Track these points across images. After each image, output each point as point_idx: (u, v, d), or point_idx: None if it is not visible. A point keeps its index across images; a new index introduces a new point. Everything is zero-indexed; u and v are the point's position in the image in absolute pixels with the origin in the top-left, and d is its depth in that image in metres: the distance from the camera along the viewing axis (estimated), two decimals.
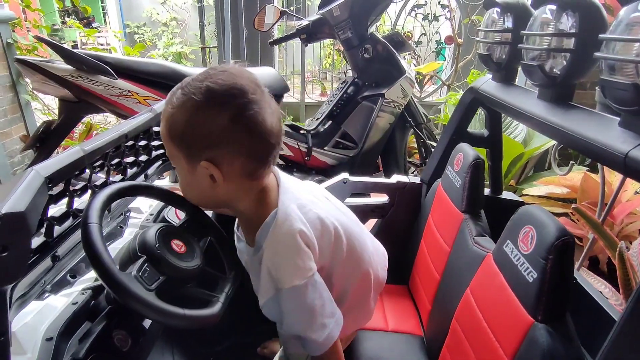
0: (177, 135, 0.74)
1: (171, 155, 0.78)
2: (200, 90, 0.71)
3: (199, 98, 0.71)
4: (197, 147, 0.73)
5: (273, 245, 0.80)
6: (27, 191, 0.57)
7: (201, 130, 0.72)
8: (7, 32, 2.72)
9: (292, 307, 0.81)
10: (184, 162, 0.76)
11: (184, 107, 0.72)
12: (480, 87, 1.23)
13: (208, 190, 0.78)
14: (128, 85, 1.92)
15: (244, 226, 0.90)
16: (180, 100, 0.72)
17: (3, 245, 0.50)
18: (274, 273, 0.79)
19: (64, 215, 0.83)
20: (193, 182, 0.78)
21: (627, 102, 0.66)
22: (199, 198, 0.84)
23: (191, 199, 0.85)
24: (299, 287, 0.79)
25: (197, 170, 0.75)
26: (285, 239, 0.79)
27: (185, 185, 0.81)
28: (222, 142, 0.72)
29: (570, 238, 0.74)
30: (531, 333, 0.76)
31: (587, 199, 1.96)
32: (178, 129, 0.73)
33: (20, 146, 2.85)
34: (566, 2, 0.81)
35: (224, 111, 0.71)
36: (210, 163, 0.73)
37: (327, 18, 2.25)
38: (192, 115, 0.71)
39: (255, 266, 0.85)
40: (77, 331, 0.78)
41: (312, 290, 0.81)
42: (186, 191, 0.83)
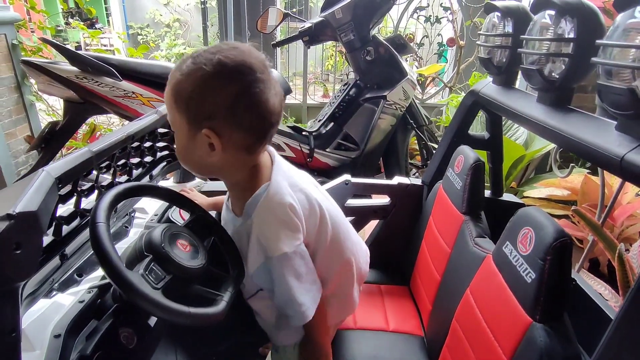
0: (182, 101, 0.76)
1: (173, 119, 0.80)
2: (212, 62, 0.74)
3: (209, 69, 0.74)
4: (201, 115, 0.76)
5: (263, 215, 0.84)
6: (38, 191, 0.59)
7: (207, 100, 0.75)
8: (12, 33, 2.75)
9: (282, 272, 0.85)
10: (185, 127, 0.79)
11: (193, 76, 0.75)
12: (481, 90, 1.24)
13: (204, 157, 0.81)
14: (132, 87, 1.94)
15: (234, 196, 0.93)
16: (190, 68, 0.75)
17: (17, 243, 0.52)
18: (263, 242, 0.84)
19: (71, 215, 0.85)
20: (191, 148, 0.81)
21: (623, 106, 0.67)
22: (193, 163, 0.86)
23: (186, 164, 0.87)
24: (288, 254, 0.84)
25: (197, 137, 0.78)
26: (275, 209, 0.84)
27: (182, 150, 0.83)
28: (225, 114, 0.76)
29: (568, 239, 0.76)
30: (529, 333, 0.77)
31: (587, 201, 1.97)
32: (184, 95, 0.76)
33: (24, 147, 2.87)
34: (565, 8, 0.82)
35: (232, 85, 0.75)
36: (212, 132, 0.76)
37: (330, 20, 2.27)
38: (200, 84, 0.75)
39: (242, 236, 0.89)
40: (84, 329, 0.80)
41: (299, 258, 0.87)
42: (183, 156, 0.85)
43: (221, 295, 0.81)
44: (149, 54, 4.18)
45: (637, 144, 0.66)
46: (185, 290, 0.80)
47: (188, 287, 0.80)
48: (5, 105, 2.71)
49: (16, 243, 0.52)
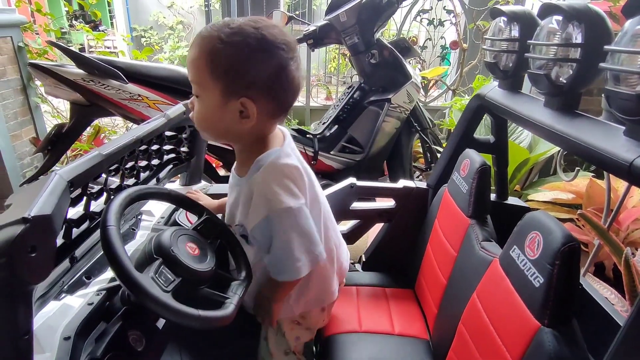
0: (220, 69, 0.80)
1: (202, 86, 0.83)
2: (256, 36, 0.79)
3: (254, 43, 0.79)
4: (240, 84, 0.81)
5: (272, 171, 0.88)
6: (52, 194, 0.59)
7: (249, 71, 0.80)
8: (18, 36, 2.76)
9: (284, 227, 0.88)
10: (217, 94, 0.82)
11: (236, 47, 0.79)
12: (487, 94, 1.24)
13: (231, 125, 0.86)
14: (138, 90, 1.96)
15: (242, 160, 0.96)
16: (233, 39, 0.79)
17: (32, 246, 0.53)
18: (270, 196, 0.86)
19: (81, 217, 0.86)
20: (218, 115, 0.85)
21: (631, 111, 0.67)
22: (216, 130, 0.90)
23: (206, 130, 0.91)
24: (294, 209, 0.87)
25: (229, 105, 0.83)
26: (284, 168, 0.89)
27: (206, 117, 0.87)
28: (263, 86, 0.82)
29: (577, 244, 0.76)
30: (538, 337, 0.77)
31: (592, 204, 1.97)
32: (224, 64, 0.80)
33: (30, 148, 2.88)
34: (572, 14, 0.83)
35: (274, 60, 0.81)
36: (250, 101, 0.82)
37: (334, 24, 2.28)
38: (244, 56, 0.79)
39: (242, 194, 0.92)
40: (93, 331, 0.80)
41: (305, 215, 0.90)
42: (206, 122, 0.89)
43: (229, 298, 0.82)
44: (152, 56, 4.19)
45: None
46: (194, 293, 0.80)
47: (197, 290, 0.81)
48: (11, 108, 2.72)
49: (32, 246, 0.53)
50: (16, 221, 0.52)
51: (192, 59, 0.83)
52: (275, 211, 0.86)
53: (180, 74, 2.02)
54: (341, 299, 1.39)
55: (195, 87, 0.85)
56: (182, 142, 1.30)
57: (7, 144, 2.68)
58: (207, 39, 0.81)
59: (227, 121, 0.85)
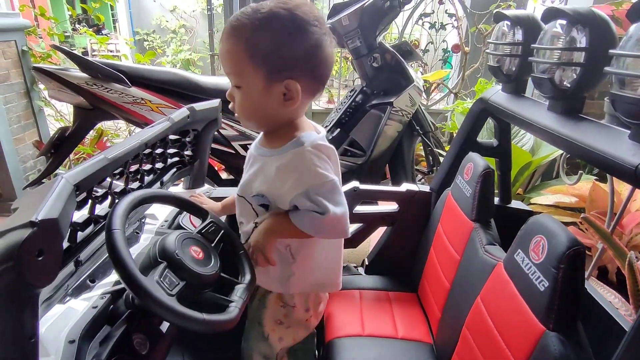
0: (260, 54, 0.80)
1: (242, 76, 0.84)
2: (289, 17, 0.80)
3: (289, 24, 0.80)
4: (282, 66, 0.82)
5: (315, 148, 0.88)
6: (59, 198, 0.60)
7: (288, 52, 0.81)
8: (22, 40, 2.78)
9: (328, 197, 0.88)
10: (260, 81, 0.83)
11: (272, 31, 0.80)
12: (490, 98, 1.25)
13: (275, 109, 0.87)
14: (141, 93, 1.96)
15: (273, 137, 0.95)
16: (266, 23, 0.79)
17: (39, 250, 0.53)
18: (313, 170, 0.86)
19: (86, 221, 0.86)
20: (263, 102, 0.85)
21: (636, 115, 0.67)
22: (260, 117, 0.90)
23: (250, 119, 0.91)
24: (335, 182, 0.89)
25: (273, 89, 0.84)
26: (325, 149, 0.90)
27: (250, 106, 0.87)
28: (304, 64, 0.83)
29: (582, 248, 0.75)
30: (543, 341, 0.77)
31: (595, 208, 1.96)
32: (263, 48, 0.80)
33: (33, 152, 2.89)
34: (576, 18, 0.83)
35: (311, 37, 0.82)
36: (294, 82, 0.83)
37: (337, 27, 2.29)
38: (280, 38, 0.80)
39: (275, 164, 0.91)
40: (97, 334, 0.81)
41: (341, 191, 0.92)
42: (249, 112, 0.89)
43: (234, 302, 0.82)
44: (155, 60, 4.22)
45: None
46: (198, 297, 0.80)
47: (201, 293, 0.81)
48: (15, 111, 2.74)
49: (39, 250, 0.53)
50: (23, 225, 0.52)
51: (227, 51, 0.83)
52: (319, 184, 0.87)
53: (184, 77, 2.03)
54: (344, 302, 1.40)
55: (236, 79, 0.85)
56: (186, 145, 1.30)
57: (11, 147, 2.69)
58: (240, 28, 0.81)
59: (272, 106, 0.86)
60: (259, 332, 1.11)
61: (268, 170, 0.92)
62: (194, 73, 2.21)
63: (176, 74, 2.04)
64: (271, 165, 0.92)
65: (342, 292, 1.44)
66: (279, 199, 0.92)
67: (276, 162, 0.91)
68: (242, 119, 0.92)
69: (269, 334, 1.10)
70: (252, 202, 0.98)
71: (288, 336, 1.13)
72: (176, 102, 1.98)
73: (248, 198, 0.98)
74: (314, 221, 0.89)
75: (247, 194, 0.98)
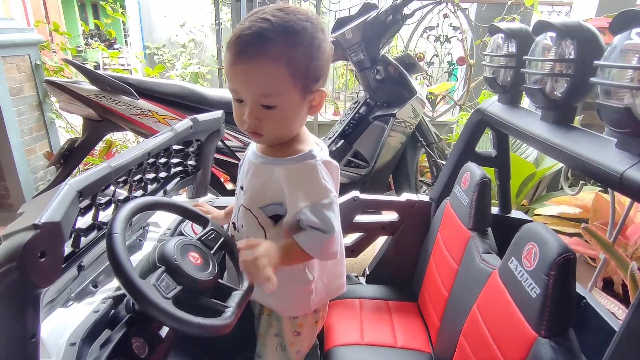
0: (300, 72, 0.80)
1: (282, 95, 0.81)
2: (312, 27, 0.80)
3: (314, 34, 0.80)
4: (313, 78, 0.83)
5: (322, 165, 0.87)
6: (62, 203, 0.63)
7: (318, 63, 0.82)
8: (35, 54, 2.87)
9: (329, 215, 0.87)
10: (297, 96, 0.83)
11: (305, 44, 0.79)
12: (487, 109, 1.26)
13: (301, 122, 0.89)
14: (149, 105, 2.01)
15: (280, 147, 0.92)
16: (299, 37, 0.79)
17: (42, 251, 0.56)
18: (318, 186, 0.86)
19: (89, 227, 0.89)
20: (297, 116, 0.86)
21: (621, 124, 0.69)
22: (288, 132, 0.90)
23: (279, 137, 0.89)
24: (336, 201, 0.89)
25: (304, 103, 0.85)
26: (332, 167, 0.91)
27: (284, 124, 0.86)
28: (326, 71, 0.86)
29: (572, 255, 0.77)
30: (535, 348, 0.78)
31: (599, 219, 1.95)
32: (302, 65, 0.80)
33: (43, 162, 2.96)
34: (564, 31, 0.85)
35: (328, 45, 0.84)
36: (322, 91, 0.86)
37: (340, 41, 2.33)
38: (312, 49, 0.80)
39: (283, 173, 0.89)
40: (98, 338, 0.83)
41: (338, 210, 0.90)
42: (281, 129, 0.87)
43: (230, 307, 0.83)
44: (164, 73, 4.31)
45: (636, 161, 0.68)
46: (195, 302, 0.82)
47: (198, 298, 0.83)
48: (27, 123, 2.81)
49: (41, 251, 0.56)
50: (27, 227, 0.55)
51: (265, 71, 0.78)
52: (325, 199, 0.86)
53: (189, 90, 2.08)
54: (344, 311, 1.40)
55: (272, 99, 0.81)
56: (189, 155, 1.33)
57: (22, 158, 2.76)
58: (276, 45, 0.77)
59: (300, 118, 0.87)
60: (277, 343, 1.09)
61: (278, 178, 0.89)
62: (200, 85, 2.27)
63: (182, 86, 2.09)
64: (279, 173, 0.89)
65: (342, 301, 1.44)
66: (290, 209, 0.90)
67: (285, 171, 0.89)
68: (271, 139, 0.89)
69: (287, 346, 1.09)
70: (258, 215, 0.94)
71: (304, 345, 1.13)
72: (182, 113, 2.03)
73: (255, 210, 0.94)
74: (321, 241, 0.88)
75: (257, 205, 0.94)
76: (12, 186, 2.77)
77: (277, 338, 1.09)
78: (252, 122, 0.84)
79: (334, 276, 1.08)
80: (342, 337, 1.29)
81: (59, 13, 5.93)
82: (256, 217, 0.95)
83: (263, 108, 0.82)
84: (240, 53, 0.78)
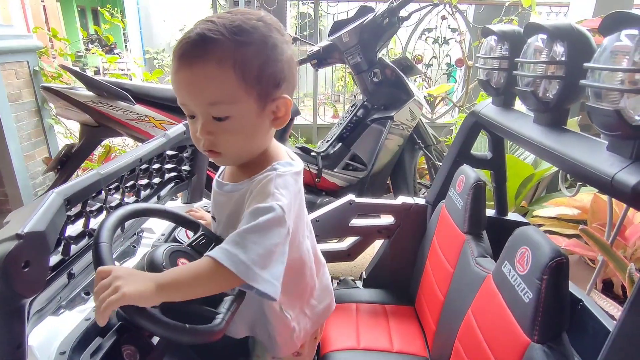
0: (252, 74, 0.70)
1: (234, 103, 0.71)
2: (264, 26, 0.71)
3: (267, 34, 0.71)
4: (274, 83, 0.73)
5: (284, 175, 0.76)
6: (47, 212, 0.62)
7: (275, 65, 0.72)
8: (34, 60, 2.88)
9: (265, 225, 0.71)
10: (253, 105, 0.72)
11: (255, 43, 0.70)
12: (481, 111, 1.26)
13: (263, 135, 0.77)
14: (145, 110, 2.01)
15: (247, 168, 0.81)
16: (246, 35, 0.69)
17: (25, 262, 0.55)
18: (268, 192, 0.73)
19: (80, 234, 0.88)
20: (256, 128, 0.75)
21: (611, 127, 0.68)
22: (249, 148, 0.78)
23: (238, 153, 0.79)
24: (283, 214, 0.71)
25: (265, 112, 0.74)
26: (296, 181, 0.79)
27: (242, 137, 0.75)
28: (288, 77, 0.75)
29: (564, 259, 0.76)
30: (528, 354, 0.77)
31: (597, 220, 1.94)
32: (255, 67, 0.70)
33: (42, 168, 2.96)
34: (555, 33, 0.85)
35: (289, 47, 0.75)
36: (285, 97, 0.75)
37: (337, 44, 2.33)
38: (265, 49, 0.71)
39: (233, 199, 0.81)
40: (89, 346, 0.82)
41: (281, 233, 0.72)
42: (239, 144, 0.76)
43: (219, 314, 0.83)
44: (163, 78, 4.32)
45: (627, 164, 0.67)
46: (185, 309, 0.81)
47: (187, 305, 0.82)
48: (26, 129, 2.82)
49: (25, 261, 0.55)
50: (10, 237, 0.55)
51: (209, 77, 0.68)
52: (261, 204, 0.71)
53: None
54: (340, 316, 1.40)
55: (223, 108, 0.71)
56: (183, 160, 1.33)
57: (21, 164, 2.76)
58: (218, 47, 0.68)
59: (263, 131, 0.77)
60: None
61: (243, 204, 0.78)
62: None
63: None
64: (244, 197, 0.79)
65: (339, 306, 1.43)
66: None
67: (247, 191, 0.78)
68: (231, 156, 0.79)
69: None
70: None
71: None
72: (179, 118, 2.03)
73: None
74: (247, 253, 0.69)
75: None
76: (11, 192, 2.78)
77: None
78: (206, 139, 0.74)
79: (318, 301, 0.99)
80: (338, 342, 1.28)
81: (58, 19, 5.96)
82: None
83: (215, 121, 0.72)
84: (181, 59, 0.70)
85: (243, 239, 0.70)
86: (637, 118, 0.65)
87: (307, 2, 4.34)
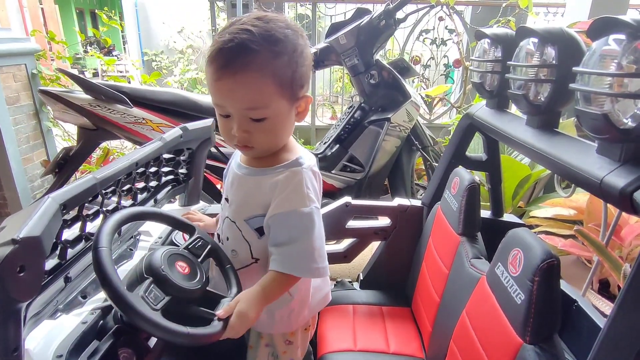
0: (286, 81, 0.79)
1: (270, 106, 0.80)
2: (292, 34, 0.80)
3: (295, 41, 0.80)
4: (299, 85, 0.83)
5: (308, 173, 0.87)
6: (42, 217, 0.63)
7: (302, 69, 0.82)
8: (32, 63, 2.89)
9: (309, 226, 0.86)
10: (286, 107, 0.82)
11: (288, 52, 0.79)
12: (476, 113, 1.27)
13: (290, 130, 0.88)
14: (143, 113, 2.02)
15: (268, 157, 0.91)
16: (281, 45, 0.78)
17: (21, 266, 0.56)
18: (301, 193, 0.85)
19: (76, 238, 0.89)
20: (287, 125, 0.86)
21: (600, 130, 0.69)
22: (279, 143, 0.89)
23: (271, 148, 0.88)
24: (318, 211, 0.88)
25: (292, 111, 0.85)
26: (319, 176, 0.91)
27: (274, 135, 0.85)
28: (309, 76, 0.86)
29: (556, 260, 0.77)
30: (520, 355, 0.78)
31: (593, 220, 1.95)
32: (287, 74, 0.79)
33: (40, 171, 2.97)
34: (546, 36, 0.85)
35: (308, 50, 0.84)
36: (308, 96, 0.86)
37: (334, 46, 2.34)
38: (295, 57, 0.80)
39: (269, 182, 0.88)
40: (86, 349, 0.83)
41: (321, 222, 0.89)
42: (272, 141, 0.87)
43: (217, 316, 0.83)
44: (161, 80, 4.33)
45: (616, 167, 0.68)
46: (184, 311, 0.82)
47: (186, 307, 0.83)
48: (24, 132, 2.83)
49: (20, 266, 0.56)
50: (5, 242, 0.55)
51: (251, 85, 0.76)
52: (301, 208, 0.84)
53: (183, 97, 2.09)
54: (337, 318, 1.40)
55: (260, 112, 0.80)
56: (180, 164, 1.34)
57: (19, 167, 2.77)
58: (260, 57, 0.75)
59: (290, 126, 0.87)
60: (269, 353, 1.08)
61: (264, 189, 0.88)
62: (193, 93, 2.27)
63: (175, 94, 2.10)
64: (266, 184, 0.88)
65: (335, 307, 1.45)
66: (267, 215, 0.88)
67: (271, 179, 0.87)
68: (262, 150, 0.87)
69: (279, 355, 1.07)
70: (242, 228, 0.93)
71: (297, 354, 1.10)
72: (176, 121, 2.03)
73: (239, 223, 0.94)
74: (298, 254, 0.85)
75: (242, 217, 0.93)
76: (10, 195, 2.78)
77: (269, 348, 1.08)
78: (242, 136, 0.82)
79: (315, 290, 1.06)
80: (335, 343, 1.29)
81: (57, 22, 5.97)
82: (240, 230, 0.94)
83: (252, 121, 0.81)
84: (224, 67, 0.76)
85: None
86: (625, 121, 0.65)
87: (305, 4, 4.35)
